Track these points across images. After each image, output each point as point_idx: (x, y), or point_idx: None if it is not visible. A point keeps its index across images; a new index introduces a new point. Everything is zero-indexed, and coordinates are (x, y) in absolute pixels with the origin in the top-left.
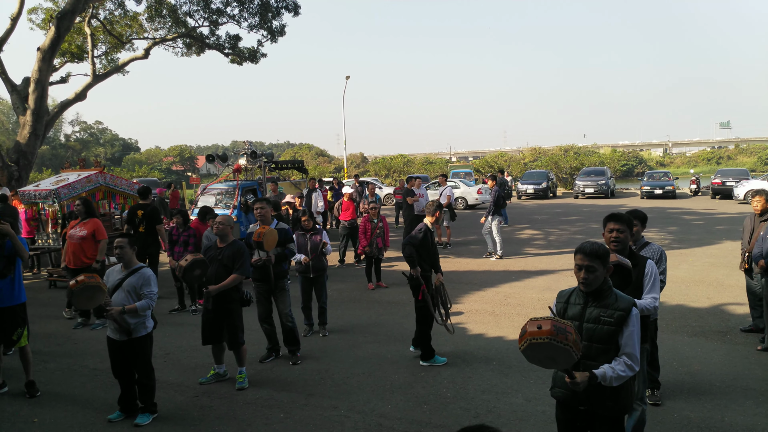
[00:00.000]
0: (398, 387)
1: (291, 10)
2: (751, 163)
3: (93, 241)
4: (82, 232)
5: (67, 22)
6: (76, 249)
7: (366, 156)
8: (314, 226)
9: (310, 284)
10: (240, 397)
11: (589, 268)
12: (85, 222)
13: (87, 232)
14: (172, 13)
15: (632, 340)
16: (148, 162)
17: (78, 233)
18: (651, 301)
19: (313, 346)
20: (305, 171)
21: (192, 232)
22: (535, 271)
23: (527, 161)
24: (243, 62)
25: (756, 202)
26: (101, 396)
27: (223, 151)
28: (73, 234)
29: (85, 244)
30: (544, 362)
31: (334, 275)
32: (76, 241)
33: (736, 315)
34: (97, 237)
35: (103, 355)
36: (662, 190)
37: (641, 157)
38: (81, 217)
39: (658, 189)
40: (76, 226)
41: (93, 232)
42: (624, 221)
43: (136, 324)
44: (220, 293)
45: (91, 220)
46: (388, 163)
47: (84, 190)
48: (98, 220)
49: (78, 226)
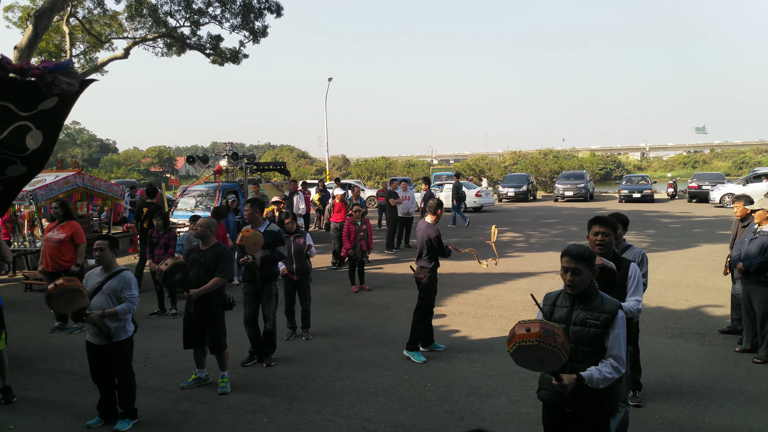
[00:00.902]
0: (382, 390)
1: (273, 11)
2: (725, 167)
3: (71, 244)
4: (60, 235)
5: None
6: (53, 252)
7: (348, 158)
8: (297, 228)
9: (293, 287)
10: (222, 402)
11: (575, 271)
12: (63, 225)
13: (65, 235)
14: (152, 12)
15: (618, 342)
16: (126, 163)
17: (56, 236)
18: (634, 304)
19: (296, 349)
20: (287, 173)
21: (172, 234)
22: (517, 274)
23: (508, 164)
24: (224, 63)
25: (736, 207)
26: (80, 401)
27: (204, 153)
28: (51, 237)
29: (64, 247)
30: (532, 365)
31: (318, 278)
32: (53, 244)
33: (714, 317)
34: (75, 240)
35: (81, 359)
36: (640, 193)
37: (619, 160)
38: (58, 220)
39: (636, 192)
40: (54, 228)
41: (71, 236)
42: (609, 224)
43: (117, 328)
44: (203, 296)
45: (69, 222)
46: (371, 165)
47: (61, 192)
48: (77, 222)
49: (55, 229)
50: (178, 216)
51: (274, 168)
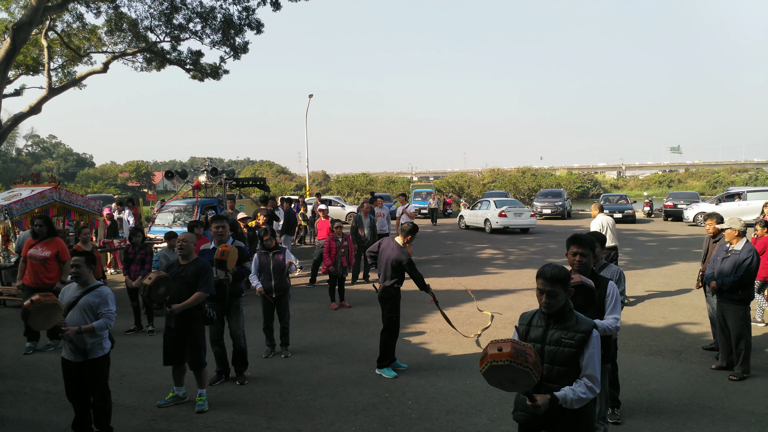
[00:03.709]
0: (362, 408)
1: (254, 28)
2: (700, 186)
3: (57, 261)
4: (45, 252)
5: (23, 33)
6: (38, 269)
7: (328, 174)
8: (277, 245)
9: (271, 304)
10: (200, 421)
11: (550, 293)
12: (47, 242)
13: (50, 252)
14: (132, 27)
15: (593, 361)
16: (103, 177)
17: (40, 254)
18: (613, 322)
19: (275, 367)
20: (267, 188)
21: (149, 249)
22: (496, 291)
23: (486, 182)
24: (204, 78)
25: (708, 225)
26: (54, 420)
27: (182, 168)
28: (35, 254)
29: (49, 264)
30: (504, 385)
31: (297, 294)
32: (38, 262)
33: (690, 334)
34: (61, 257)
35: (56, 376)
36: (621, 213)
37: (596, 179)
38: (41, 237)
39: (618, 213)
40: (37, 245)
41: (57, 253)
42: (587, 245)
43: (93, 344)
44: (184, 312)
45: (54, 239)
46: (351, 181)
47: (37, 206)
48: (61, 239)
49: (39, 246)
50: (155, 232)
51: (254, 183)
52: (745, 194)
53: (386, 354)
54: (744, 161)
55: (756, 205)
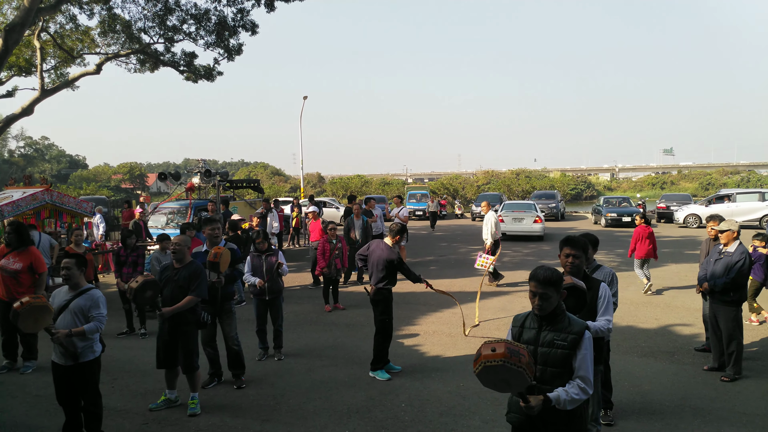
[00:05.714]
0: (356, 411)
1: (248, 29)
2: (692, 188)
3: (30, 274)
4: (17, 264)
5: (16, 35)
6: (9, 282)
7: (323, 176)
8: (269, 247)
9: (265, 306)
10: (192, 424)
11: (543, 296)
12: (20, 252)
13: (23, 264)
14: (126, 28)
15: (586, 363)
16: (96, 179)
17: (11, 266)
18: (605, 323)
19: (268, 370)
20: (261, 190)
21: (141, 252)
22: (490, 292)
23: (481, 184)
24: (198, 80)
25: (710, 227)
26: (45, 424)
27: (176, 169)
28: (6, 265)
29: (22, 277)
30: (498, 385)
31: (291, 297)
32: (8, 275)
33: (683, 335)
34: (36, 269)
35: (46, 380)
36: (630, 217)
37: (590, 181)
38: (12, 246)
39: (626, 216)
40: (8, 256)
41: (30, 264)
42: (579, 246)
43: (84, 348)
44: (176, 315)
45: (28, 249)
46: (346, 183)
47: (29, 208)
48: (36, 249)
49: (11, 256)
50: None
51: (248, 185)
52: (735, 196)
53: (380, 356)
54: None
55: (745, 207)
